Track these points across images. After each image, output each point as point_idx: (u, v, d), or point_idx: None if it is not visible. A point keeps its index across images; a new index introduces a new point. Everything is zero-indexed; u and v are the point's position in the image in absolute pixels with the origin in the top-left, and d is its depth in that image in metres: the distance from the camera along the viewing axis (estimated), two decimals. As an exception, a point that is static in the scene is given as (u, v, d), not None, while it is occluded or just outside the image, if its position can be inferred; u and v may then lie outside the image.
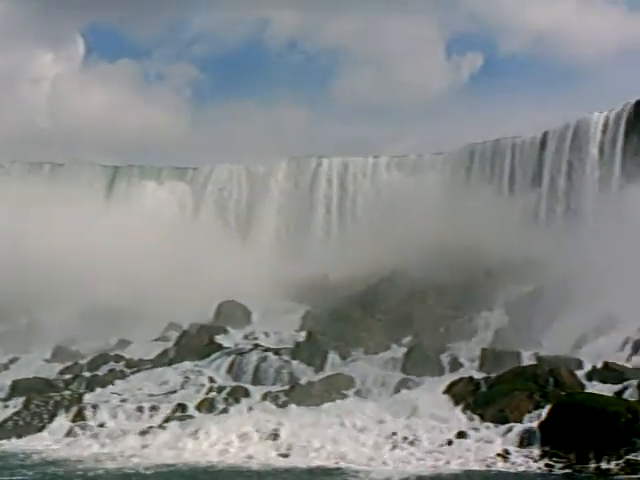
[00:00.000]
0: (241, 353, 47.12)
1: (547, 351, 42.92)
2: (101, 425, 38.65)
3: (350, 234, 64.90)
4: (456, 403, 37.69)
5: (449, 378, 41.12)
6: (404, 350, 46.02)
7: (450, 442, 33.89)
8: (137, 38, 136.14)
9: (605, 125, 57.86)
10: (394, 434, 34.96)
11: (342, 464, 32.06)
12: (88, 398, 42.20)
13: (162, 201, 69.43)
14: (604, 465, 30.45)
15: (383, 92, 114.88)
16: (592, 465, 30.62)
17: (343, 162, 67.33)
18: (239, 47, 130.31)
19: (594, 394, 35.00)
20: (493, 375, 39.60)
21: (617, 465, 30.29)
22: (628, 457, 30.56)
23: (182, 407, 40.35)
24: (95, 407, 40.28)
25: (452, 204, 60.82)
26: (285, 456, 33.53)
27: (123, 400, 42.25)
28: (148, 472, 31.46)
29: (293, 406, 39.29)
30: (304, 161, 68.86)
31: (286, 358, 46.15)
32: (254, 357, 46.18)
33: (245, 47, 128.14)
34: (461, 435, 34.43)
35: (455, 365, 44.15)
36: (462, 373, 42.05)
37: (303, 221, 66.98)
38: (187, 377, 45.44)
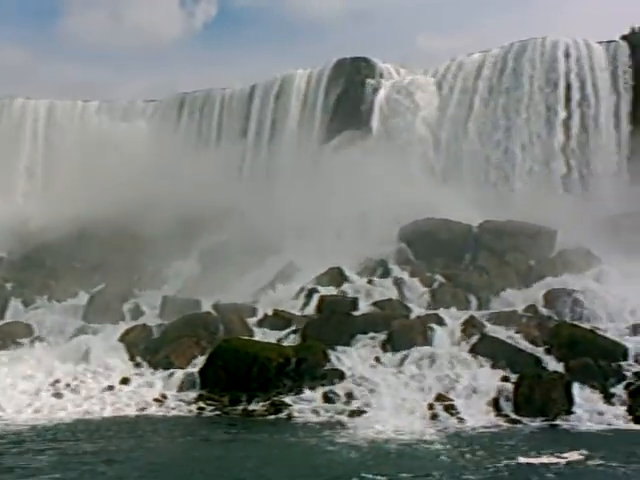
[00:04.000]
0: None
1: (232, 299, 43.73)
2: None
3: (55, 179, 63.04)
4: (128, 350, 37.91)
5: (128, 326, 41.16)
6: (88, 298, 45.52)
7: (111, 388, 34.04)
8: None
9: (308, 82, 59.82)
10: (57, 381, 34.61)
11: (-6, 412, 31.20)
12: None
13: None
14: (251, 407, 31.77)
15: (114, 36, 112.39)
16: (241, 407, 31.83)
17: (51, 104, 65.11)
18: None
19: (251, 340, 36.40)
20: (167, 322, 40.09)
21: (263, 406, 31.68)
22: (274, 398, 32.04)
23: None
24: None
25: (160, 153, 60.67)
26: None
27: None
28: None
29: (-40, 355, 37.95)
30: (10, 101, 65.73)
31: (-36, 306, 44.37)
32: None
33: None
34: (124, 381, 34.67)
35: (137, 313, 44.30)
36: (142, 321, 42.20)
37: (7, 164, 64.04)
38: None
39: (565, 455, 22.80)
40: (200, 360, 35.62)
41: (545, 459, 22.50)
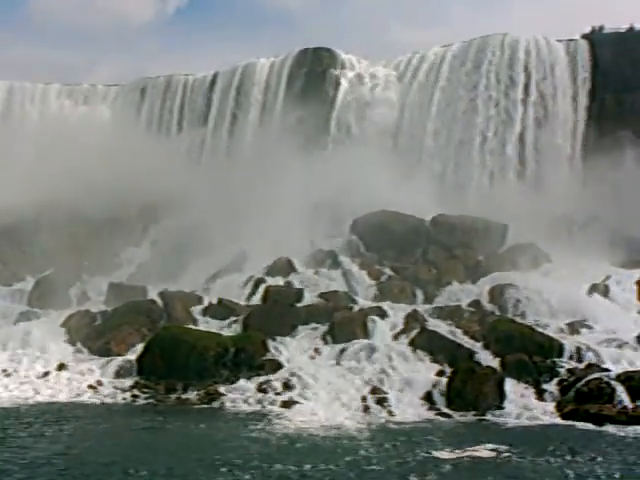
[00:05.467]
0: None
1: (183, 287, 43.58)
2: None
3: (11, 162, 62.21)
4: (69, 336, 37.73)
5: (72, 311, 40.88)
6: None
7: (47, 373, 33.82)
8: None
9: (270, 71, 59.53)
10: (-7, 367, 34.38)
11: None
12: None
13: None
14: (186, 395, 31.64)
15: (85, 18, 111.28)
16: (175, 396, 31.69)
17: (9, 86, 64.32)
18: None
19: (190, 328, 36.29)
20: (110, 309, 39.88)
21: (197, 395, 31.57)
22: (210, 388, 31.92)
23: None
24: None
25: (120, 137, 60.13)
26: None
27: None
28: None
29: None
30: (-32, 82, 64.98)
31: None
32: None
33: None
34: (61, 367, 34.45)
35: (84, 299, 44.04)
36: (88, 307, 41.90)
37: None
38: None
39: (479, 450, 22.88)
40: (140, 347, 35.43)
41: (459, 453, 22.56)
